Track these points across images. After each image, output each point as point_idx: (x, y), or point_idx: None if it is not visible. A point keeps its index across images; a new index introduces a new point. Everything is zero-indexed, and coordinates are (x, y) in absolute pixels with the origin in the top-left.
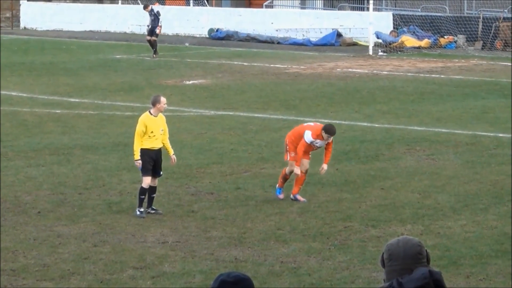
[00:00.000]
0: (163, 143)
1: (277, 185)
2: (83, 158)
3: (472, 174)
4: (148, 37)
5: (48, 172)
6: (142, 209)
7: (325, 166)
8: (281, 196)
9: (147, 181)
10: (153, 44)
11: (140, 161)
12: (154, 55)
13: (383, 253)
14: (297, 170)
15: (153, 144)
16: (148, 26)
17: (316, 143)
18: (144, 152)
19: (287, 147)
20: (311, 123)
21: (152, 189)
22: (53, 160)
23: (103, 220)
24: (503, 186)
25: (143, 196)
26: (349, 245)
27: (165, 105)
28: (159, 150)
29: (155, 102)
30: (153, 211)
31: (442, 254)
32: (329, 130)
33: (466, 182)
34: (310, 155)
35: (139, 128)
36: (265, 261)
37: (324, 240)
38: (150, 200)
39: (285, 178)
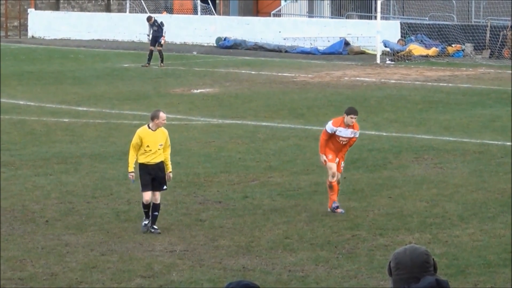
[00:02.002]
0: (165, 158)
1: (330, 203)
2: (91, 167)
3: (480, 182)
4: (152, 47)
5: (56, 181)
6: (146, 221)
7: (337, 159)
8: (339, 210)
9: (145, 197)
10: (160, 53)
11: (132, 174)
12: (161, 64)
13: (390, 262)
14: (321, 158)
15: (148, 159)
16: (148, 36)
17: (340, 131)
18: (140, 166)
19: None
20: None
21: (154, 207)
22: (61, 169)
23: (111, 229)
24: (511, 194)
25: (146, 210)
26: (357, 254)
27: (164, 121)
28: (158, 165)
29: (153, 117)
30: (153, 230)
31: (450, 262)
32: (349, 110)
33: (474, 191)
34: (341, 167)
35: (134, 140)
36: (273, 269)
37: (332, 249)
38: (153, 218)
39: (331, 187)
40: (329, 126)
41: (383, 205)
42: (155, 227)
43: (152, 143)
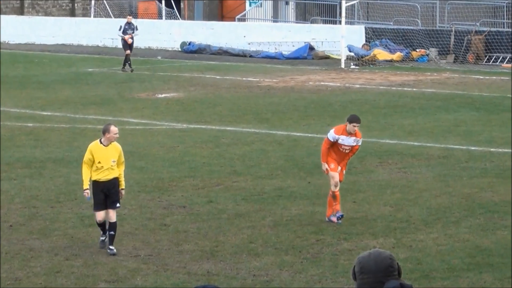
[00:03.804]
0: (118, 174)
1: (328, 212)
2: (55, 171)
3: (444, 187)
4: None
5: (20, 185)
6: (103, 237)
7: (339, 168)
8: (334, 219)
9: (98, 217)
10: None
11: (87, 191)
12: (131, 69)
13: (354, 266)
14: (323, 166)
15: (101, 175)
16: (123, 38)
17: (342, 140)
18: (93, 184)
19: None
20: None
21: (111, 226)
22: (25, 173)
23: (75, 233)
24: (475, 199)
25: (102, 227)
26: (321, 258)
27: (116, 135)
28: (112, 182)
29: (104, 131)
30: (109, 251)
31: (414, 267)
32: (351, 118)
33: (438, 195)
34: (342, 178)
35: (85, 156)
36: (237, 274)
37: (296, 253)
38: (110, 238)
39: (334, 197)
40: (331, 135)
41: (347, 209)
42: (111, 247)
43: (104, 159)
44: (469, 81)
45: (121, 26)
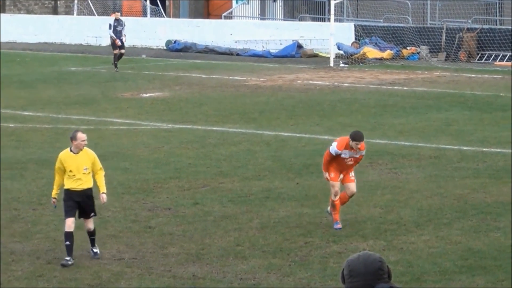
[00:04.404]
0: (98, 182)
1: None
2: (37, 173)
3: (435, 188)
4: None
5: (1, 187)
6: (68, 258)
7: (350, 173)
8: (338, 226)
9: (67, 223)
10: (119, 56)
11: (55, 200)
12: (116, 69)
13: (343, 269)
14: (324, 175)
15: (74, 184)
16: (114, 37)
17: (344, 154)
18: (65, 192)
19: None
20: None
21: (90, 233)
22: (6, 175)
23: (58, 236)
24: (467, 200)
25: (68, 243)
26: (310, 261)
27: (84, 142)
28: (86, 192)
29: (72, 139)
30: (93, 254)
31: (405, 270)
32: (354, 135)
33: (430, 196)
34: (351, 177)
35: (56, 164)
36: (224, 278)
37: (284, 256)
38: (91, 241)
39: (334, 206)
40: (333, 149)
41: None
42: (95, 250)
43: (75, 168)
44: (461, 79)
45: (110, 25)
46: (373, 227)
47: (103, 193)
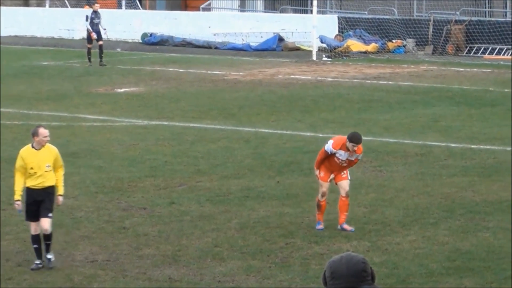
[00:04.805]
0: (57, 180)
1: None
2: (7, 171)
3: (422, 186)
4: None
5: None
6: (38, 261)
7: (331, 175)
8: (320, 226)
9: (32, 227)
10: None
11: (19, 203)
12: (90, 63)
13: (325, 271)
14: (316, 172)
15: (35, 182)
16: (91, 30)
17: (340, 155)
18: (26, 191)
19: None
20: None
21: (46, 237)
22: None
23: (28, 237)
24: (455, 199)
25: (36, 246)
26: (291, 263)
27: (46, 138)
28: (47, 190)
29: (33, 134)
30: (47, 262)
31: (390, 272)
32: (351, 137)
33: (416, 195)
34: (343, 175)
35: (17, 162)
36: (201, 280)
37: (264, 258)
38: (46, 246)
39: (319, 206)
40: (329, 147)
41: None
42: (49, 257)
43: (36, 165)
44: (449, 73)
45: (87, 16)
46: (357, 227)
47: (59, 195)
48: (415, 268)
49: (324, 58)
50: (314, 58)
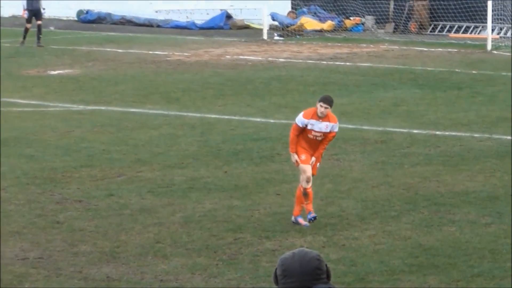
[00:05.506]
0: None
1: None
2: None
3: (382, 176)
4: (29, 24)
5: None
6: None
7: (313, 158)
8: (302, 221)
9: None
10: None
11: None
12: (23, 41)
13: (276, 269)
14: (292, 158)
15: None
16: (27, 9)
17: (312, 125)
18: None
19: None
20: None
21: None
22: None
23: None
24: (418, 190)
25: None
26: (240, 260)
27: None
28: None
29: None
30: None
31: (347, 269)
32: (321, 97)
33: (375, 186)
34: (321, 157)
35: None
36: (142, 279)
37: (210, 255)
38: None
39: (306, 195)
40: (299, 119)
41: (270, 203)
42: None
43: None
44: (411, 53)
45: None
46: None
47: None
48: (375, 265)
49: (276, 37)
50: (265, 37)
